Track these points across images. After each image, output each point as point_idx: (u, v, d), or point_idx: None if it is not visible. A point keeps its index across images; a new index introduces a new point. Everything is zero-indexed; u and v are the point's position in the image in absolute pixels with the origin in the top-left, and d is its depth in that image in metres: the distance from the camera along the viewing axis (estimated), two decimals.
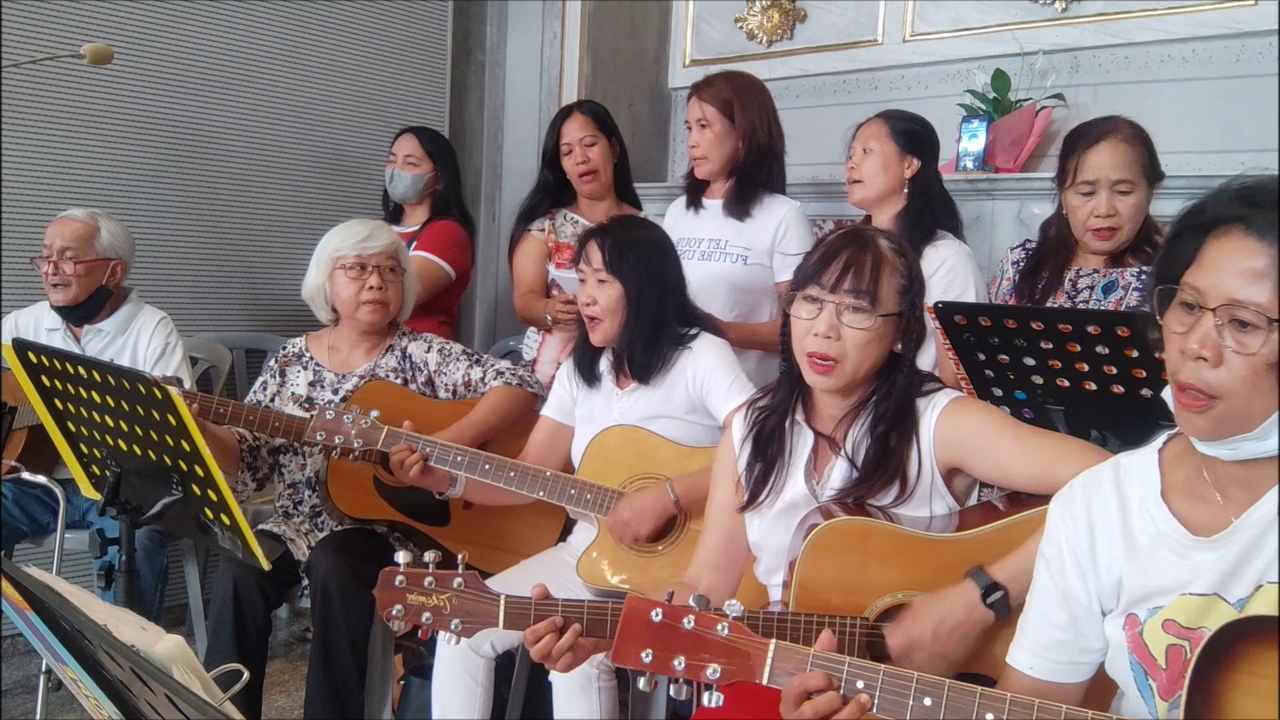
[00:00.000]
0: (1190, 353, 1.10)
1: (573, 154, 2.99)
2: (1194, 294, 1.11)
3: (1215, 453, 1.14)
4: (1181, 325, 1.13)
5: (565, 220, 3.07)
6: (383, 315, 2.55)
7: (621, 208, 3.11)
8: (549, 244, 3.03)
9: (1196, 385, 1.10)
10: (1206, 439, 1.13)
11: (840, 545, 1.58)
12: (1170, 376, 1.15)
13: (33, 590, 0.88)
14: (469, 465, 2.25)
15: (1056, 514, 1.31)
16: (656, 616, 1.26)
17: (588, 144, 2.99)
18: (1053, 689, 1.28)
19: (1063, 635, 1.29)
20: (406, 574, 1.50)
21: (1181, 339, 1.12)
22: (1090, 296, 2.20)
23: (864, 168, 2.53)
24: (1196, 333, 1.10)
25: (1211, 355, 1.09)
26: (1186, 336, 1.11)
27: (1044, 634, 1.30)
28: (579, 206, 3.09)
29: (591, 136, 2.99)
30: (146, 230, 3.42)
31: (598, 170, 3.00)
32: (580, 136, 2.99)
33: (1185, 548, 1.19)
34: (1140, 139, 2.16)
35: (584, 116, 3.02)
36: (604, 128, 3.04)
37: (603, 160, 3.02)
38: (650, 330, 2.23)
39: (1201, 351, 1.09)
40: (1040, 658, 1.30)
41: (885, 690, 1.21)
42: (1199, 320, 1.10)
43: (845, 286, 1.62)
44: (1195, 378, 1.10)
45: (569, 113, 3.05)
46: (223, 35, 3.62)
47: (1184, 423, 1.14)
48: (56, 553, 2.46)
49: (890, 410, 1.67)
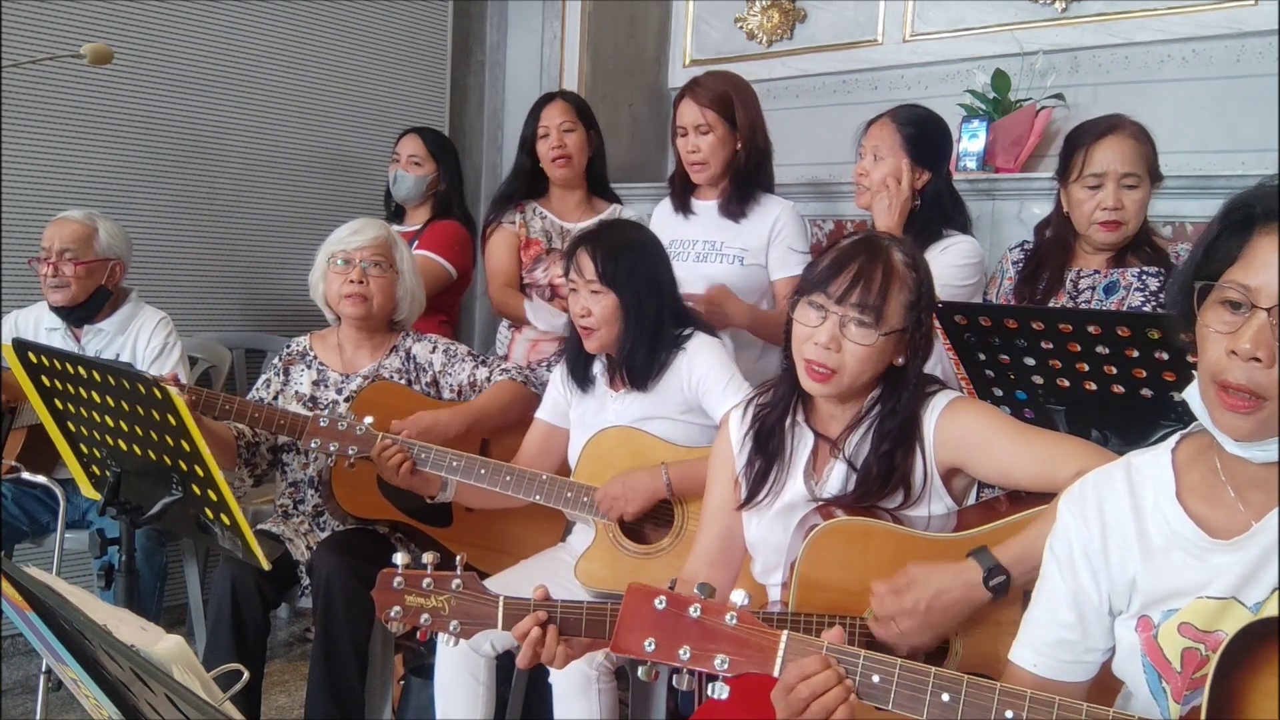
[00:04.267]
0: (1244, 353, 1.06)
1: (549, 137, 2.99)
2: (1241, 292, 1.08)
3: (1249, 454, 1.11)
4: (1225, 324, 1.09)
5: (534, 214, 3.06)
6: (363, 310, 2.51)
7: (593, 202, 3.10)
8: (520, 236, 3.03)
9: (1247, 386, 1.07)
10: (1247, 440, 1.10)
11: (840, 545, 1.58)
12: (1210, 376, 1.11)
13: (33, 590, 0.88)
14: (465, 470, 2.24)
15: (1067, 512, 1.29)
16: (660, 604, 1.22)
17: (565, 129, 2.99)
18: (1055, 687, 1.27)
19: (1069, 635, 1.28)
20: (405, 576, 1.50)
21: (1230, 339, 1.08)
22: (1091, 297, 2.20)
23: (873, 176, 2.51)
24: (1248, 332, 1.06)
25: (1265, 355, 1.05)
26: (1236, 336, 1.07)
27: (1050, 632, 1.29)
28: (550, 200, 3.09)
29: (570, 123, 2.99)
30: (146, 230, 3.42)
31: (571, 156, 2.99)
32: (559, 122, 2.99)
33: (1202, 550, 1.17)
34: (1145, 137, 2.18)
35: (564, 103, 3.03)
36: (583, 117, 3.04)
37: (578, 148, 3.01)
38: (650, 337, 2.20)
39: (1256, 352, 1.05)
40: (1045, 655, 1.29)
41: (901, 685, 1.19)
42: (1249, 320, 1.07)
43: (852, 299, 1.59)
44: (1247, 378, 1.07)
45: (550, 99, 3.06)
46: (223, 35, 3.61)
47: (1225, 423, 1.11)
48: (56, 553, 2.45)
49: (895, 428, 1.65)
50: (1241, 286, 1.08)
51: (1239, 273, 1.09)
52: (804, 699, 1.18)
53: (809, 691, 1.18)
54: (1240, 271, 1.09)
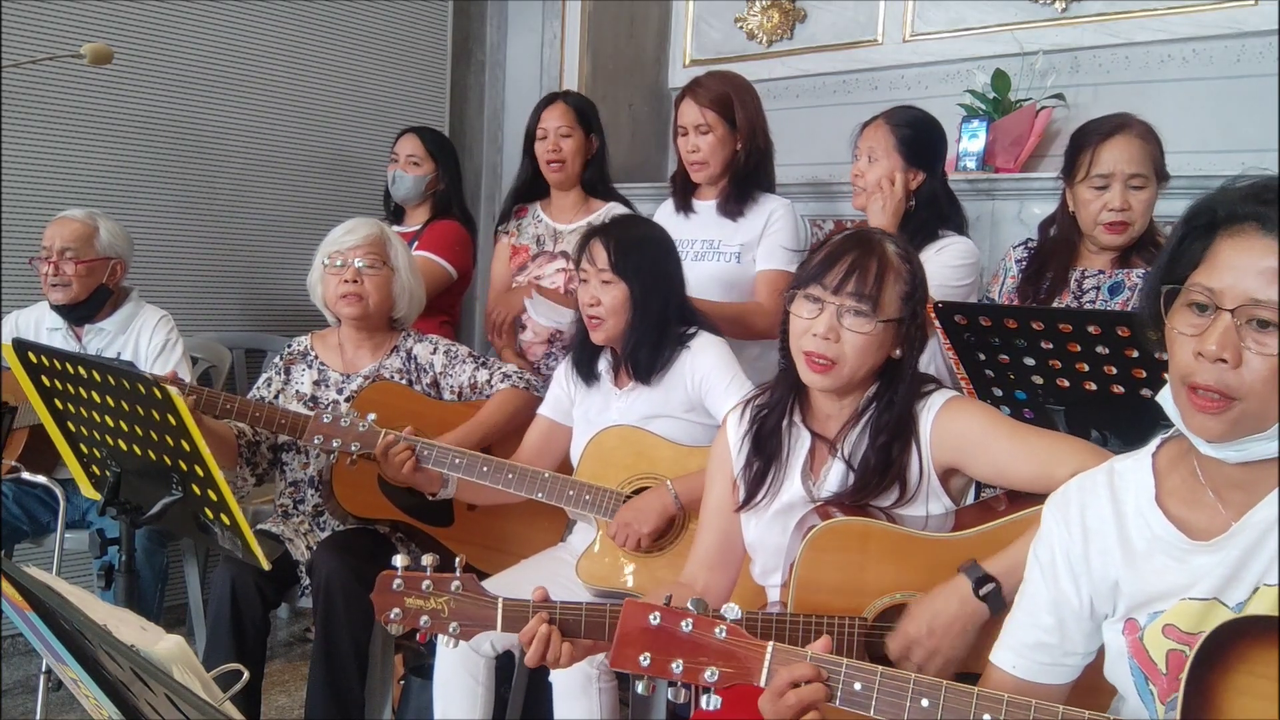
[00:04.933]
0: (1209, 354, 1.07)
1: (546, 140, 2.99)
2: (1206, 294, 1.09)
3: (1222, 455, 1.12)
4: (1192, 327, 1.11)
5: (531, 219, 3.08)
6: (360, 310, 2.51)
7: (589, 203, 3.09)
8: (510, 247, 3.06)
9: (1216, 387, 1.08)
10: (1219, 441, 1.11)
11: (839, 546, 1.58)
12: (1180, 379, 1.12)
13: (33, 590, 0.88)
14: (467, 468, 2.24)
15: (1050, 517, 1.30)
16: (654, 620, 1.26)
17: (563, 134, 2.98)
18: (1035, 689, 1.28)
19: (1048, 638, 1.29)
20: (404, 577, 1.50)
21: (1196, 340, 1.09)
22: (1096, 297, 2.20)
23: (868, 178, 2.51)
24: (1214, 334, 1.08)
25: (1231, 356, 1.06)
26: (1203, 338, 1.09)
27: (1030, 634, 1.30)
28: (549, 201, 3.10)
29: (567, 128, 2.99)
30: (146, 230, 3.42)
31: (565, 161, 2.99)
32: (557, 125, 2.98)
33: (1183, 552, 1.18)
34: (1152, 136, 2.17)
35: (565, 106, 3.02)
36: (583, 121, 3.03)
37: (573, 152, 3.00)
38: (655, 331, 2.22)
39: (1222, 353, 1.07)
40: (1024, 657, 1.30)
41: (882, 691, 1.21)
42: (1214, 321, 1.08)
43: (848, 289, 1.61)
44: (1215, 379, 1.08)
45: (552, 100, 3.06)
46: (223, 35, 3.62)
47: (1196, 425, 1.12)
48: (56, 553, 2.45)
49: (892, 421, 1.66)
50: (1206, 289, 1.10)
51: (1203, 275, 1.11)
52: (792, 706, 1.21)
53: (797, 699, 1.21)
54: (1205, 274, 1.11)
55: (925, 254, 2.42)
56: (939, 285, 2.36)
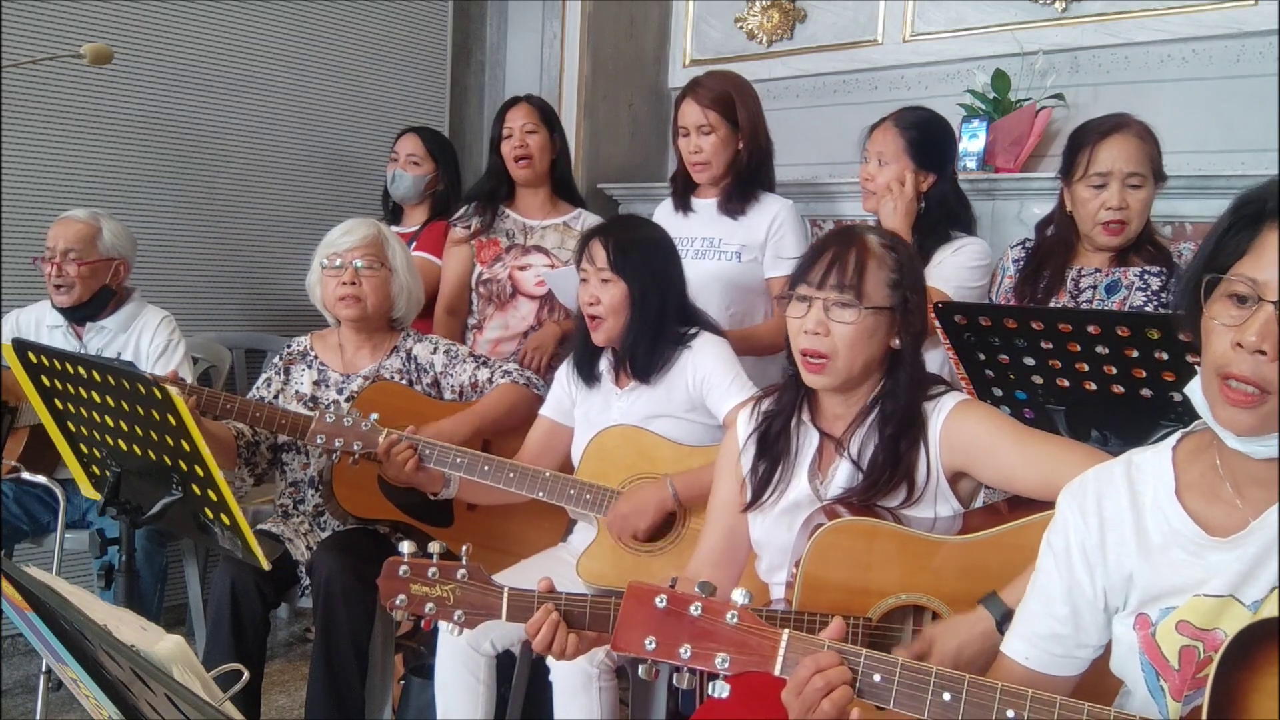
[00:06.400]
0: (1249, 345, 1.06)
1: (512, 138, 3.04)
2: (1250, 285, 1.08)
3: (1249, 449, 1.11)
4: (1231, 318, 1.09)
5: (503, 217, 3.10)
6: (358, 311, 2.51)
7: (558, 204, 3.14)
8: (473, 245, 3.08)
9: (1252, 379, 1.07)
10: (1249, 434, 1.10)
11: (845, 545, 1.58)
12: (1214, 369, 1.11)
13: (33, 590, 0.88)
14: (469, 467, 2.24)
15: (1066, 506, 1.29)
16: (661, 603, 1.23)
17: (528, 130, 3.04)
18: (1045, 680, 1.27)
19: (1062, 628, 1.28)
20: (410, 564, 1.50)
21: (1236, 331, 1.08)
22: (1093, 296, 2.20)
23: (879, 181, 2.51)
24: (1255, 325, 1.06)
25: (1270, 348, 1.05)
26: (1243, 329, 1.07)
27: (1043, 625, 1.29)
28: (515, 200, 3.12)
29: (533, 125, 3.05)
30: (147, 230, 3.42)
31: (533, 157, 3.04)
32: (522, 123, 3.04)
33: (1200, 547, 1.17)
34: (1150, 136, 2.18)
35: (529, 106, 3.09)
36: (546, 120, 3.10)
37: (539, 149, 3.06)
38: (653, 330, 2.23)
39: (1261, 344, 1.05)
40: (1037, 648, 1.29)
41: (903, 683, 1.19)
42: (1256, 313, 1.07)
43: (830, 282, 1.63)
44: (1251, 370, 1.07)
45: (515, 102, 3.13)
46: (223, 35, 3.61)
47: (1225, 417, 1.10)
48: (56, 553, 2.45)
49: (898, 412, 1.66)
50: (1250, 280, 1.08)
51: (1247, 266, 1.09)
52: (819, 690, 1.18)
53: (824, 683, 1.18)
54: (1249, 265, 1.09)
55: (940, 255, 2.43)
56: (957, 286, 2.37)
